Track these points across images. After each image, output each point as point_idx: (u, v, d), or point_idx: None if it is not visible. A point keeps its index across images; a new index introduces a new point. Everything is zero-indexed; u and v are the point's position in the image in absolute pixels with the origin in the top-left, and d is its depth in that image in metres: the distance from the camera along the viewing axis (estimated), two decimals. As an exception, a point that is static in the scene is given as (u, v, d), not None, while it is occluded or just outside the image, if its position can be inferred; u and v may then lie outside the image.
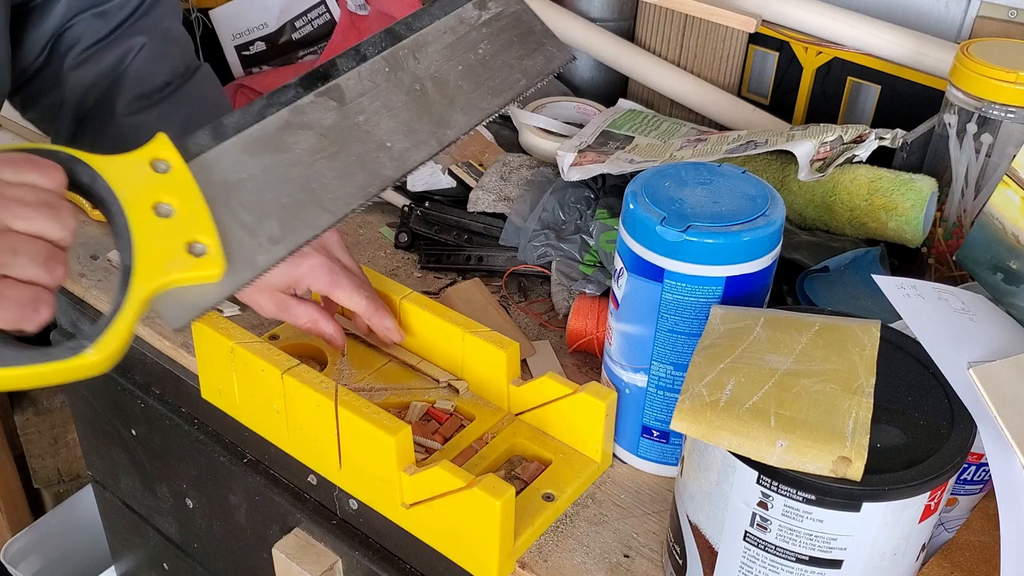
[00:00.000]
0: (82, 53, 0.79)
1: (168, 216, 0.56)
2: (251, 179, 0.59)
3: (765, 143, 0.87)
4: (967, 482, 0.66)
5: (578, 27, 1.14)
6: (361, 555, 0.78)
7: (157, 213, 0.55)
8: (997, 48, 0.81)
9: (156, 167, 0.56)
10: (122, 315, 0.54)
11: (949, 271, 0.85)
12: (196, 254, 0.56)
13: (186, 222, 0.56)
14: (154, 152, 0.56)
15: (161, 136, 0.57)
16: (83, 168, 0.55)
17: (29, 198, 0.52)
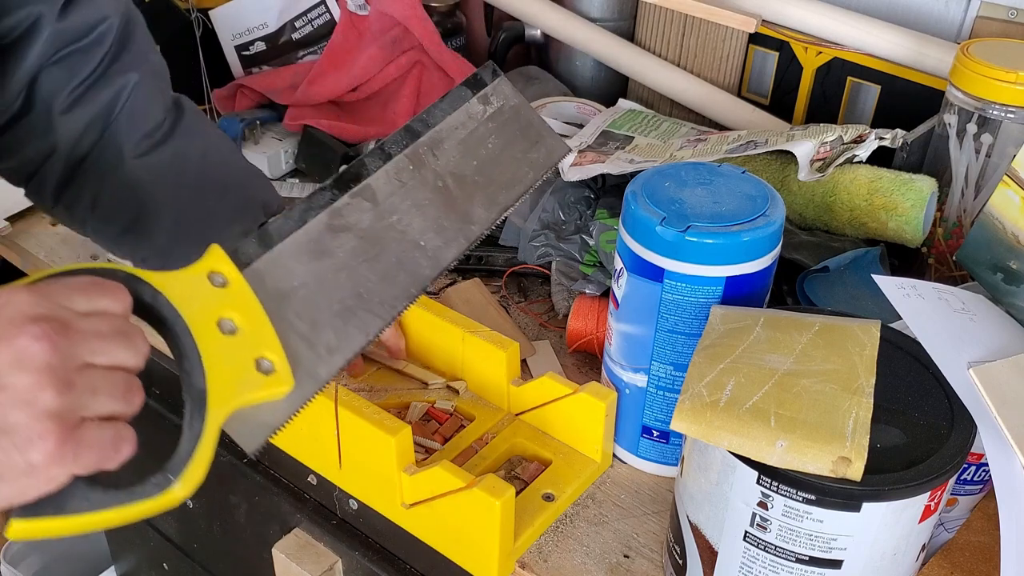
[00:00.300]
0: (71, 94, 0.74)
1: (233, 333, 0.54)
2: (302, 287, 0.57)
3: (765, 143, 0.87)
4: (967, 482, 0.66)
5: (578, 27, 1.14)
6: (361, 555, 0.78)
7: (222, 330, 0.54)
8: (997, 48, 0.81)
9: (214, 281, 0.54)
10: (203, 444, 0.53)
11: (949, 271, 0.85)
12: (264, 371, 0.54)
13: (251, 338, 0.54)
14: (210, 265, 0.54)
15: (215, 248, 0.55)
16: (145, 287, 0.53)
17: (104, 329, 0.48)
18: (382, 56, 1.12)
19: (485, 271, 0.94)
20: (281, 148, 1.09)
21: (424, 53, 1.11)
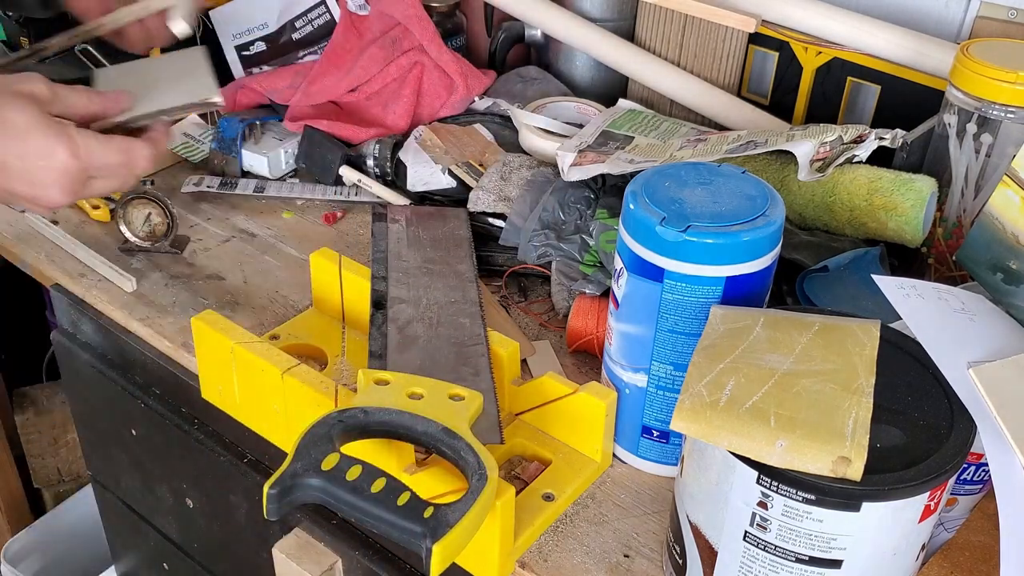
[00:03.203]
0: None
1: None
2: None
3: (765, 143, 0.87)
4: (967, 482, 0.66)
5: (578, 27, 1.14)
6: (361, 555, 0.78)
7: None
8: (997, 48, 0.81)
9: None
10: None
11: (949, 271, 0.85)
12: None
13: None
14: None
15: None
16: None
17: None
18: (382, 56, 1.12)
19: (485, 271, 0.94)
20: (281, 148, 1.09)
21: (424, 53, 1.11)
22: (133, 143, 0.74)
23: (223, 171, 1.09)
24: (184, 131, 1.16)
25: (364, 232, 1.02)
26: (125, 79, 0.85)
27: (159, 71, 0.87)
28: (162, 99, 0.81)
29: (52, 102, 0.70)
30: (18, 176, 0.68)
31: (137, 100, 0.80)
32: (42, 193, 0.70)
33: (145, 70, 0.88)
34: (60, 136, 0.68)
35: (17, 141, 0.67)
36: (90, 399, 1.05)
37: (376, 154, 1.06)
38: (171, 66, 0.89)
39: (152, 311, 0.90)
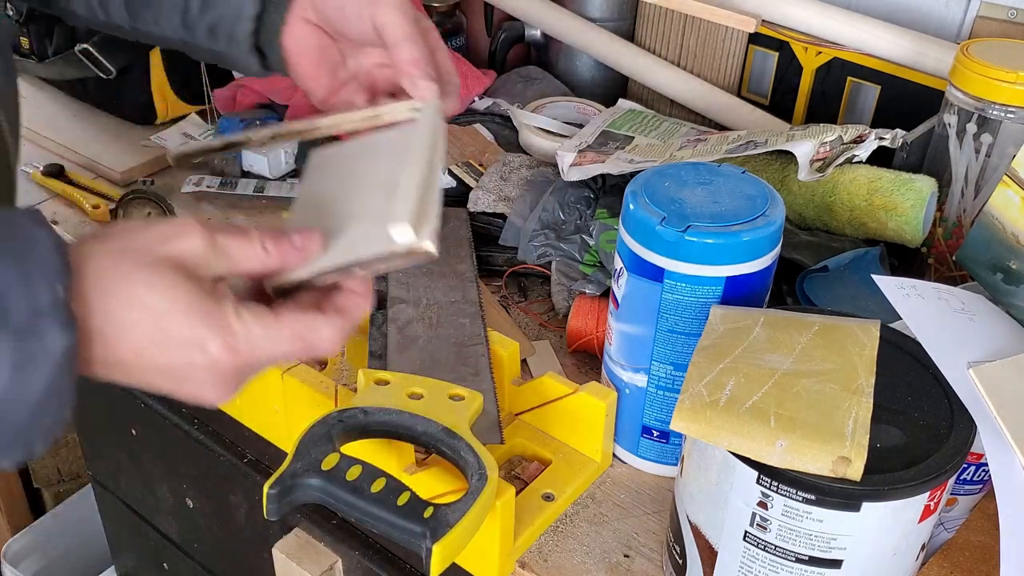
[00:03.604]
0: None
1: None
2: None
3: (765, 143, 0.87)
4: (967, 482, 0.66)
5: (578, 27, 1.14)
6: (361, 555, 0.78)
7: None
8: (997, 48, 0.81)
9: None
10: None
11: (949, 271, 0.85)
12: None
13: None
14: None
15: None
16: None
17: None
18: (382, 56, 1.12)
19: (485, 271, 0.94)
20: (281, 148, 1.09)
21: (424, 53, 1.11)
22: (312, 323, 0.52)
23: (223, 171, 1.09)
24: (184, 131, 1.16)
25: (364, 232, 1.02)
26: (338, 172, 0.62)
27: (379, 165, 0.60)
28: (361, 234, 0.54)
29: (210, 264, 0.51)
30: (159, 372, 0.50)
31: (333, 233, 0.55)
32: (191, 392, 0.51)
33: (364, 162, 0.61)
34: (212, 325, 0.49)
35: (156, 329, 0.48)
36: (90, 399, 1.05)
37: (376, 154, 1.06)
38: (394, 156, 0.60)
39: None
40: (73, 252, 0.47)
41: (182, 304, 0.48)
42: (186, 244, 0.50)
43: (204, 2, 0.67)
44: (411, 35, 0.61)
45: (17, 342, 0.43)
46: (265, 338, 0.50)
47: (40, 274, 0.44)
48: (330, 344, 0.53)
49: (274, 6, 0.65)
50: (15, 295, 0.43)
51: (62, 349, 0.44)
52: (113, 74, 1.14)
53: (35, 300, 0.44)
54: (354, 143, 0.64)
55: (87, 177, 1.09)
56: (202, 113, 1.20)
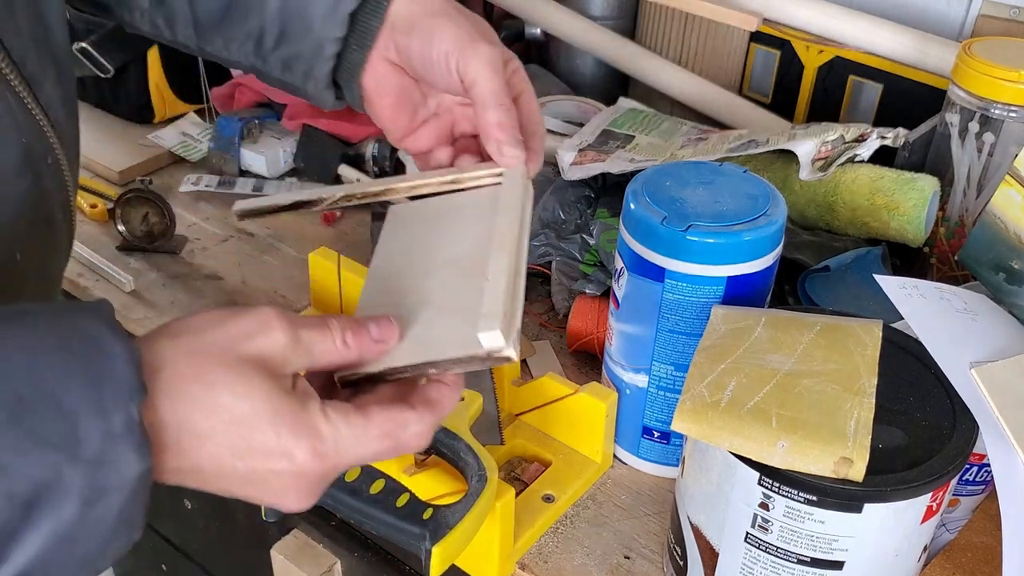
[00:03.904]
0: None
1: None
2: None
3: (766, 142, 0.86)
4: (969, 483, 0.66)
5: (579, 26, 1.13)
6: (360, 556, 0.78)
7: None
8: (999, 47, 0.81)
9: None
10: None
11: (951, 271, 0.85)
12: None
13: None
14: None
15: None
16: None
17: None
18: (382, 55, 1.11)
19: (485, 271, 0.94)
20: (280, 147, 1.09)
21: (424, 52, 1.11)
22: (402, 420, 0.48)
23: (221, 170, 1.09)
24: (183, 130, 1.16)
25: (363, 232, 1.02)
26: (417, 239, 0.59)
27: (462, 237, 0.56)
28: (443, 331, 0.51)
29: (291, 361, 0.47)
30: (239, 479, 0.46)
31: (411, 319, 0.52)
32: (272, 499, 0.48)
33: (445, 230, 0.58)
34: (299, 432, 0.45)
35: (238, 436, 0.44)
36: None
37: (375, 153, 1.06)
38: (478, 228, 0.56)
39: (150, 311, 0.90)
40: (146, 359, 0.42)
41: (266, 409, 0.44)
42: (268, 341, 0.46)
43: (281, 35, 0.63)
44: (499, 94, 0.57)
45: (89, 474, 0.39)
46: (353, 440, 0.47)
47: (113, 395, 0.40)
48: (420, 440, 0.49)
49: (356, 45, 0.62)
50: (87, 422, 0.39)
51: (136, 475, 0.40)
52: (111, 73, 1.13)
53: (108, 425, 0.40)
54: (435, 204, 0.60)
55: (85, 176, 1.08)
56: (200, 112, 1.19)
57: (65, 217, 0.62)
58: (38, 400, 0.39)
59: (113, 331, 0.41)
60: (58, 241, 0.62)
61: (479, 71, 0.57)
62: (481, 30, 0.59)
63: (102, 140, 1.15)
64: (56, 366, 0.39)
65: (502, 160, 0.58)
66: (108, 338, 0.41)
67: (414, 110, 0.64)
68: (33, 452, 0.38)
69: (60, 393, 0.39)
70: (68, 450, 0.38)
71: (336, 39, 0.62)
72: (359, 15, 0.61)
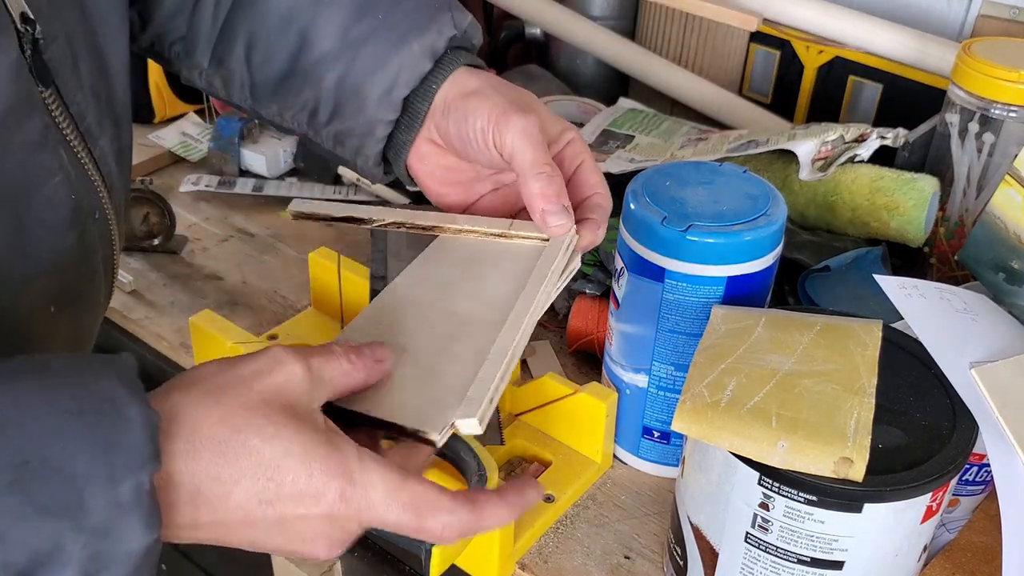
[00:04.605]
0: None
1: None
2: None
3: (766, 142, 0.86)
4: (969, 483, 0.66)
5: (579, 26, 1.13)
6: (360, 556, 0.78)
7: None
8: (999, 47, 0.81)
9: None
10: None
11: (951, 271, 0.85)
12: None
13: None
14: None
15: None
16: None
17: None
18: (382, 55, 1.11)
19: (485, 271, 0.94)
20: (280, 147, 1.09)
21: (424, 52, 1.11)
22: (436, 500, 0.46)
23: (221, 170, 1.09)
24: (183, 130, 1.16)
25: (363, 232, 1.02)
26: (445, 272, 0.59)
27: (484, 292, 0.57)
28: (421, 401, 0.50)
29: (313, 393, 0.46)
30: (268, 529, 0.44)
31: (404, 359, 0.52)
32: (302, 549, 0.45)
33: (474, 277, 0.59)
34: (333, 471, 0.43)
35: (267, 480, 0.42)
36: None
37: (376, 153, 1.06)
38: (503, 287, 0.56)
39: (150, 311, 0.90)
40: (164, 415, 0.41)
41: (299, 450, 0.43)
42: (284, 375, 0.45)
43: (335, 111, 0.63)
44: (539, 164, 0.56)
45: (91, 544, 0.37)
46: (383, 495, 0.44)
47: (125, 464, 0.38)
48: (446, 532, 0.45)
49: (405, 126, 0.62)
50: (93, 491, 0.37)
51: (142, 549, 0.39)
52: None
53: (116, 495, 0.38)
54: (479, 245, 0.61)
55: (86, 176, 1.08)
56: (200, 112, 1.19)
57: (106, 271, 0.60)
58: (44, 466, 0.37)
59: (132, 393, 0.40)
60: (96, 296, 0.60)
61: (515, 143, 0.57)
62: (514, 101, 0.59)
63: (102, 140, 1.15)
64: (67, 430, 0.38)
65: (547, 229, 0.57)
66: (125, 401, 0.40)
67: (466, 187, 0.64)
68: (33, 519, 0.36)
69: (68, 460, 0.37)
70: (71, 519, 0.37)
71: (388, 122, 0.62)
72: (410, 99, 0.62)
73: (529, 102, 0.60)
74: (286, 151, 1.09)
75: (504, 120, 0.57)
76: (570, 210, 0.57)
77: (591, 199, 0.60)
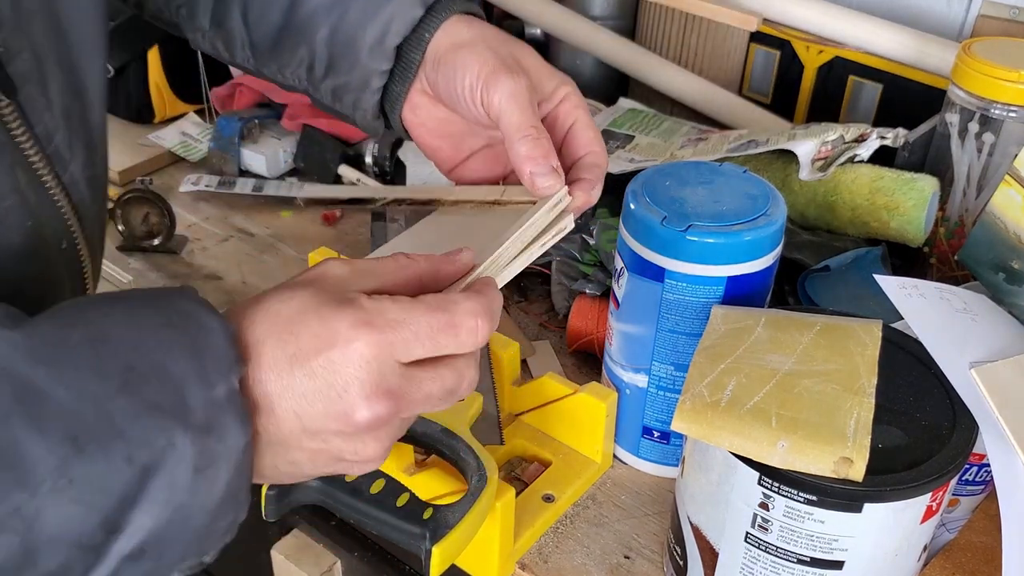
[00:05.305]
0: None
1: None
2: None
3: (766, 142, 0.86)
4: (969, 483, 0.66)
5: (579, 25, 1.13)
6: (360, 556, 0.78)
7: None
8: (999, 47, 0.81)
9: None
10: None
11: (951, 271, 0.85)
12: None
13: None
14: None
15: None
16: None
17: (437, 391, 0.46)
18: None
19: (485, 271, 0.94)
20: (280, 147, 1.09)
21: (424, 52, 1.11)
22: (450, 296, 0.46)
23: (221, 170, 1.09)
24: (183, 130, 1.16)
25: (363, 232, 1.02)
26: (434, 237, 0.61)
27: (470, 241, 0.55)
28: None
29: (347, 279, 0.46)
30: (303, 391, 0.43)
31: None
32: (338, 407, 0.43)
33: (459, 236, 0.59)
34: (343, 307, 0.43)
35: (287, 335, 0.43)
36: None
37: (375, 153, 1.06)
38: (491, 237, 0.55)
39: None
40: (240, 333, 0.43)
41: (312, 303, 0.43)
42: (320, 269, 0.46)
43: (330, 65, 0.63)
44: (524, 127, 0.56)
45: (198, 441, 0.40)
46: (400, 310, 0.44)
47: (215, 366, 0.41)
48: (472, 318, 0.45)
49: (399, 77, 0.62)
50: (193, 391, 0.40)
51: (241, 446, 0.41)
52: (111, 73, 1.13)
53: (213, 393, 0.41)
54: (473, 213, 0.61)
55: (86, 176, 1.08)
56: (200, 112, 1.19)
57: None
58: (147, 370, 0.40)
59: (207, 309, 0.43)
60: None
61: (501, 105, 0.56)
62: (504, 59, 0.58)
63: (102, 140, 1.15)
64: (161, 339, 0.41)
65: (535, 191, 0.57)
66: (204, 314, 0.42)
67: (457, 142, 0.64)
68: (147, 418, 0.39)
69: (167, 363, 0.40)
70: (179, 417, 0.40)
71: (383, 72, 0.62)
72: (404, 48, 0.61)
73: (520, 57, 0.60)
74: (286, 151, 1.09)
75: (493, 79, 0.57)
76: (559, 170, 0.57)
77: (585, 158, 0.59)
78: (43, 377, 0.38)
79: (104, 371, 0.39)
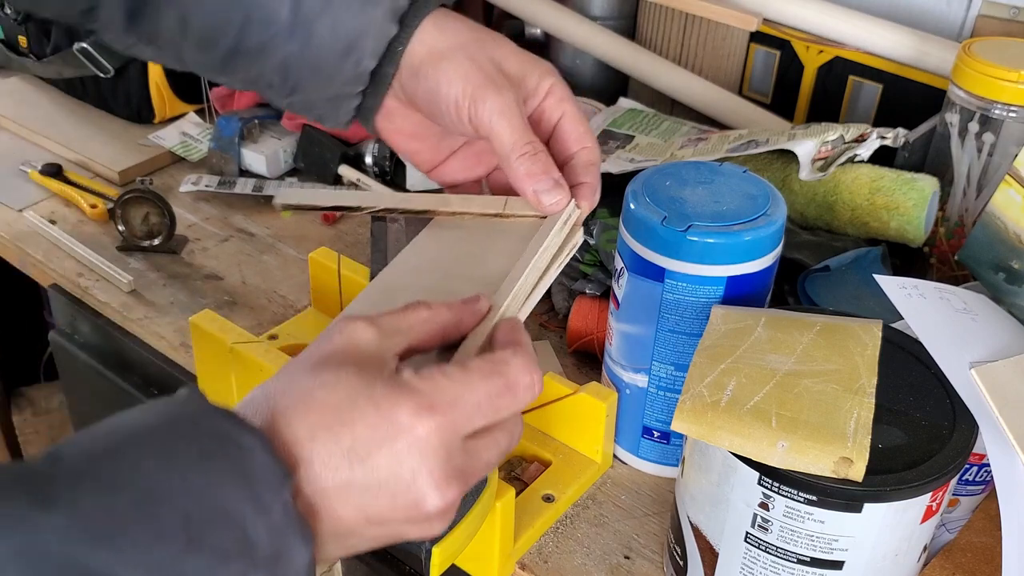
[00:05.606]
0: None
1: None
2: None
3: (766, 142, 0.86)
4: (969, 483, 0.66)
5: (579, 26, 1.13)
6: (360, 556, 0.78)
7: None
8: (999, 47, 0.81)
9: None
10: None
11: (951, 271, 0.85)
12: None
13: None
14: None
15: None
16: None
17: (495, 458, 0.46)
18: (382, 55, 1.11)
19: (485, 271, 0.94)
20: (280, 147, 1.09)
21: (424, 52, 1.11)
22: (499, 356, 0.45)
23: (221, 170, 1.09)
24: (183, 130, 1.16)
25: (363, 232, 1.02)
26: (439, 252, 0.58)
27: (475, 272, 0.55)
28: None
29: (380, 344, 0.45)
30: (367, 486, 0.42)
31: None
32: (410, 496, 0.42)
33: (468, 252, 0.58)
34: (396, 393, 0.42)
35: (339, 426, 0.41)
36: (88, 399, 1.05)
37: (375, 153, 1.06)
38: (501, 255, 0.55)
39: (150, 311, 0.90)
40: (269, 432, 0.41)
41: (360, 385, 0.41)
42: (347, 337, 0.44)
43: (293, 88, 0.60)
44: (519, 145, 0.54)
45: (270, 572, 0.38)
46: (455, 386, 0.43)
47: (267, 488, 0.38)
48: (527, 374, 0.45)
49: (372, 92, 0.60)
50: (253, 523, 0.38)
51: (307, 561, 0.40)
52: (111, 73, 1.13)
53: (271, 520, 0.38)
54: (476, 224, 0.59)
55: (85, 176, 1.08)
56: (200, 112, 1.19)
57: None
58: (204, 515, 0.37)
59: (239, 424, 0.40)
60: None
61: (492, 124, 0.55)
62: (487, 72, 0.56)
63: (102, 140, 1.15)
64: (207, 476, 0.38)
65: (543, 209, 0.55)
66: (238, 433, 0.39)
67: (435, 143, 0.62)
68: (219, 568, 0.37)
69: (220, 501, 0.38)
70: (247, 555, 0.37)
71: (356, 94, 0.59)
72: (377, 65, 0.59)
73: (500, 60, 0.57)
74: (286, 151, 1.09)
75: (480, 96, 0.55)
76: (562, 182, 0.55)
77: (578, 155, 0.57)
78: (106, 561, 0.34)
79: (164, 534, 0.36)
